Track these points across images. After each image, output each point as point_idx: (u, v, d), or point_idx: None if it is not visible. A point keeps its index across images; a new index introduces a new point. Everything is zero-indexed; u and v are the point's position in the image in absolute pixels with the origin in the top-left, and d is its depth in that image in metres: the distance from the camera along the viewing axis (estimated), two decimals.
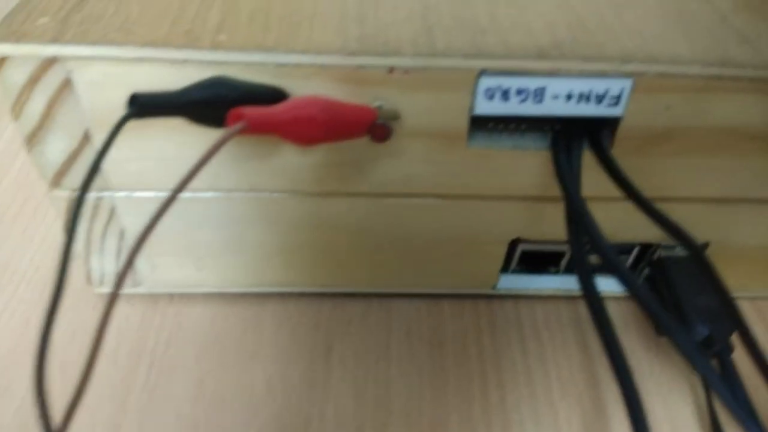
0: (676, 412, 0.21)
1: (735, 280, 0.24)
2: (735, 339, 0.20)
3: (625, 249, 0.23)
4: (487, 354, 0.23)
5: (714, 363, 0.20)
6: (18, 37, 0.17)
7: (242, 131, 0.14)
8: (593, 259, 0.19)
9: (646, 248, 0.23)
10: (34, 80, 0.17)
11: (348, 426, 0.20)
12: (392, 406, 0.21)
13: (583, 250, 0.19)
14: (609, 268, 0.18)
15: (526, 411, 0.21)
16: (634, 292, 0.17)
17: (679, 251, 0.23)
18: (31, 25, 0.17)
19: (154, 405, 0.21)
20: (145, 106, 0.14)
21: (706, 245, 0.23)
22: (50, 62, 0.17)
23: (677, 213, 0.21)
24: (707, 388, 0.20)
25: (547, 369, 0.22)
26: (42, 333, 0.12)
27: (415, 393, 0.21)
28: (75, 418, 0.20)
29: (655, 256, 0.23)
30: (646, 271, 0.23)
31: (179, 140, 0.18)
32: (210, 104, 0.15)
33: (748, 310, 0.25)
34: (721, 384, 0.17)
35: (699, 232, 0.22)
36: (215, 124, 0.15)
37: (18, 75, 0.17)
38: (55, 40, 0.17)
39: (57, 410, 0.15)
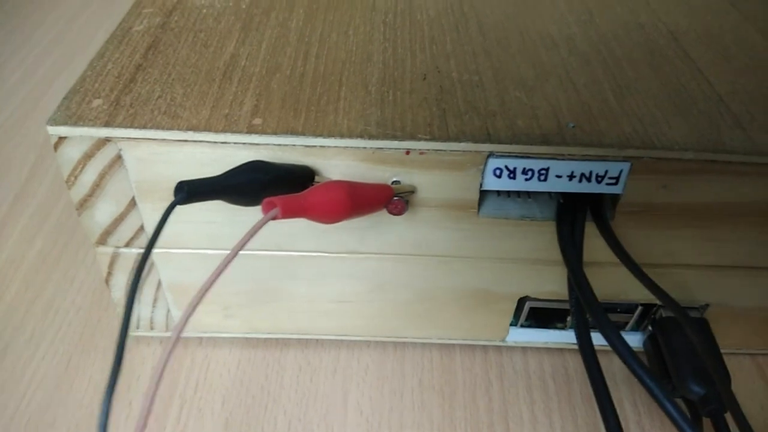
0: None
1: (735, 338, 0.25)
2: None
3: (630, 308, 0.24)
4: (496, 404, 0.24)
5: (708, 422, 0.22)
6: (75, 120, 0.19)
7: (275, 218, 0.15)
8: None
9: (648, 308, 0.24)
10: (88, 156, 0.19)
11: None
12: None
13: (583, 317, 0.20)
14: (605, 338, 0.19)
15: None
16: (627, 363, 0.18)
17: None
18: (86, 107, 0.19)
19: None
20: (190, 193, 0.16)
21: (706, 306, 0.24)
22: (103, 142, 0.19)
23: (677, 277, 0.23)
24: None
25: (552, 420, 0.24)
26: (106, 394, 0.14)
27: None
28: None
29: (657, 315, 0.24)
30: (649, 329, 0.25)
31: (213, 206, 0.20)
32: (246, 188, 0.17)
33: (748, 366, 0.26)
34: None
35: (699, 295, 0.24)
36: (250, 204, 0.17)
37: (74, 152, 0.19)
38: (107, 123, 0.19)
39: None
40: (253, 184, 0.17)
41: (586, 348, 0.20)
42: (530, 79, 0.22)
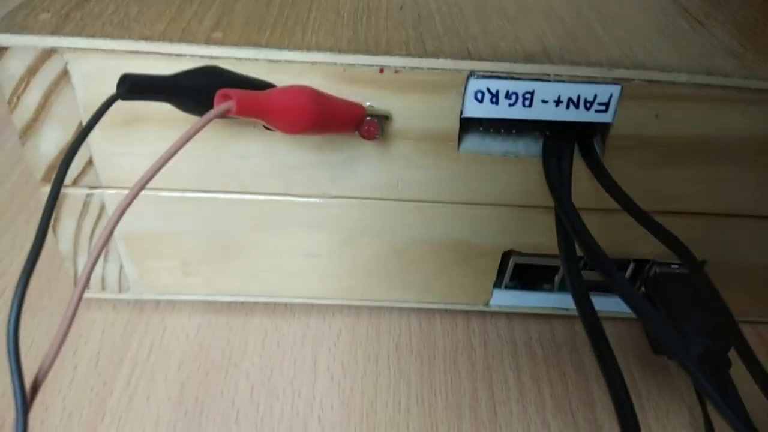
0: None
1: (734, 303, 0.23)
2: (732, 355, 0.19)
3: (620, 266, 0.23)
4: (479, 370, 0.22)
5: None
6: (18, 29, 0.17)
7: (228, 112, 0.14)
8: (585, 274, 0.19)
9: (641, 265, 0.22)
10: (32, 71, 0.18)
11: None
12: (378, 418, 0.20)
13: (573, 255, 0.18)
14: (602, 274, 0.17)
15: (517, 428, 0.20)
16: (628, 300, 0.17)
17: (674, 268, 0.22)
18: (33, 19, 0.18)
19: (133, 409, 0.20)
20: (134, 87, 0.14)
21: (703, 263, 0.22)
22: (48, 53, 0.17)
23: (672, 228, 0.21)
24: (703, 404, 0.20)
25: (541, 386, 0.22)
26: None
27: (402, 407, 0.21)
28: (52, 418, 0.19)
29: (651, 272, 0.22)
30: (642, 289, 0.23)
31: (171, 136, 0.19)
32: (200, 90, 0.15)
33: (749, 336, 0.24)
34: (717, 395, 0.16)
35: (696, 249, 0.22)
36: (202, 111, 0.16)
37: (17, 66, 0.17)
38: (53, 32, 0.17)
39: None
40: (207, 87, 0.15)
41: (578, 291, 0.18)
42: (513, 11, 0.20)
